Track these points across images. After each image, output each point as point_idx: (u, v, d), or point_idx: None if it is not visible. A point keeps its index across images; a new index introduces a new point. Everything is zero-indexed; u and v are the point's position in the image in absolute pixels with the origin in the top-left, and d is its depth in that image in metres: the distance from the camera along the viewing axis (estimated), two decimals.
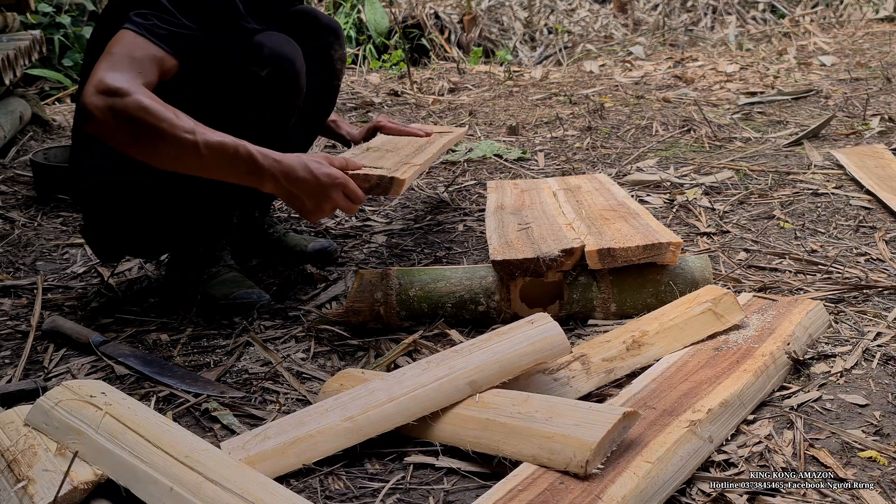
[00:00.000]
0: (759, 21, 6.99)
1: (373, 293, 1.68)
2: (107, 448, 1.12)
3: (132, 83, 1.50)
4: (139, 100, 1.48)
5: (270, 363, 1.57)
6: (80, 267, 2.18)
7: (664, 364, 1.39)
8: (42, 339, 1.73)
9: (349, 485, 1.18)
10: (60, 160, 2.83)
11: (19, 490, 1.06)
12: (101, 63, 1.52)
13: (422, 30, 6.49)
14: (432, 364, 1.32)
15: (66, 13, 5.55)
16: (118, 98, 1.48)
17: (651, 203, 2.44)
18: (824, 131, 3.13)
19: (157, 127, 1.47)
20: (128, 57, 1.53)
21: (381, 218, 2.46)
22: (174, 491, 1.04)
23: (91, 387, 1.27)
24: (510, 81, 4.76)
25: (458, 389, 1.27)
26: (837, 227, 2.14)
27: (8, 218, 2.58)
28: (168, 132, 1.48)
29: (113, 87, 1.48)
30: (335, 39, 2.01)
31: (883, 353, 1.47)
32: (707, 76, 4.51)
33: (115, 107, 1.47)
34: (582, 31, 6.84)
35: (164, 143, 1.49)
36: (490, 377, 1.29)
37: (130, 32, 1.56)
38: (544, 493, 1.03)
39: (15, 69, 3.47)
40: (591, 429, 1.09)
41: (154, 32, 1.56)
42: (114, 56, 1.53)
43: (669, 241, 1.63)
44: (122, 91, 1.48)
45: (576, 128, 3.49)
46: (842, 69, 4.44)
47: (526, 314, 1.66)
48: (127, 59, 1.52)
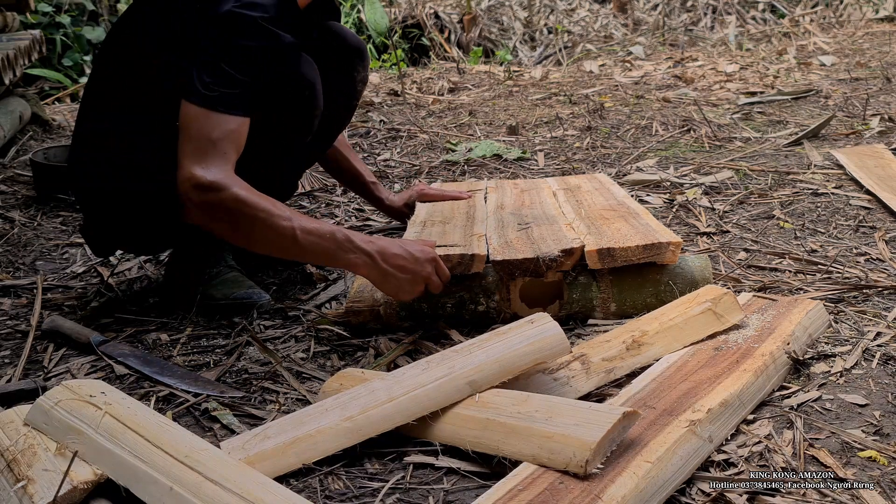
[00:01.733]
0: (759, 21, 6.99)
1: (373, 293, 1.68)
2: (106, 448, 1.12)
3: (225, 174, 1.53)
4: (236, 193, 1.52)
5: (270, 363, 1.57)
6: (79, 267, 2.18)
7: (664, 364, 1.39)
8: (42, 339, 1.73)
9: (349, 484, 1.18)
10: (60, 160, 2.83)
11: (19, 490, 1.06)
12: (186, 151, 1.54)
13: (421, 29, 6.49)
14: (432, 364, 1.32)
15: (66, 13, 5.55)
16: (213, 193, 1.52)
17: (651, 203, 2.44)
18: (824, 131, 3.13)
19: (256, 217, 1.52)
20: (208, 141, 1.54)
21: (381, 218, 2.46)
22: (174, 491, 1.04)
23: (91, 386, 1.27)
24: (510, 81, 4.75)
25: (457, 389, 1.27)
26: (837, 227, 2.14)
27: (8, 218, 2.58)
28: (266, 221, 1.52)
29: (206, 182, 1.52)
30: (360, 62, 2.01)
31: (883, 353, 1.47)
32: (707, 76, 4.51)
33: (211, 202, 1.52)
34: (582, 31, 6.85)
35: (262, 232, 1.54)
36: (489, 377, 1.29)
37: (200, 109, 1.55)
38: (544, 492, 1.03)
39: (15, 69, 3.47)
40: (591, 428, 1.09)
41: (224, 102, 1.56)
42: (194, 142, 1.54)
43: (669, 240, 1.63)
44: (217, 186, 1.52)
45: (576, 128, 3.49)
46: (842, 69, 4.44)
47: (526, 314, 1.66)
48: (209, 143, 1.54)
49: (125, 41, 1.73)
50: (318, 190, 2.80)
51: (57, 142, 3.51)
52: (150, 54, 1.66)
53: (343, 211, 2.58)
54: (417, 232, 1.84)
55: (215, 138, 1.55)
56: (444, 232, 1.81)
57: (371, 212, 2.55)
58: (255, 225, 1.53)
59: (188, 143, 1.55)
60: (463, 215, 1.97)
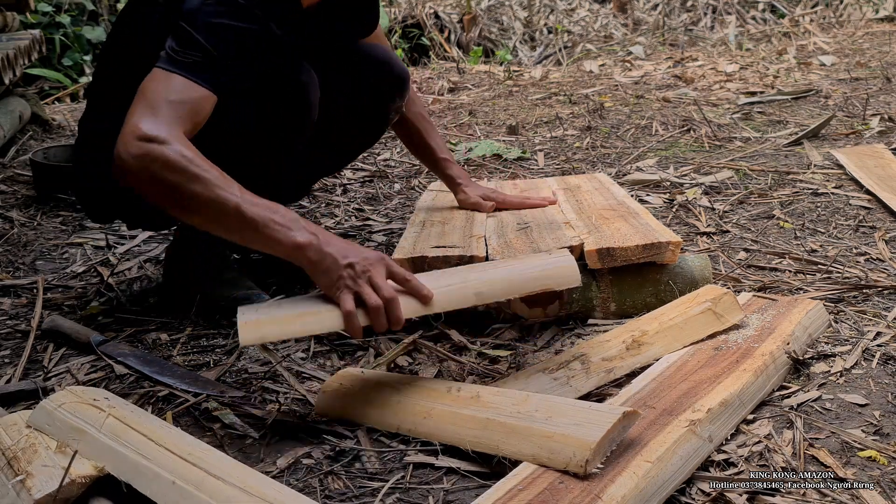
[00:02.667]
0: (759, 21, 6.99)
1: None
2: (109, 445, 1.12)
3: (173, 131, 1.38)
4: (181, 150, 1.36)
5: (270, 363, 1.57)
6: (79, 267, 2.18)
7: (664, 364, 1.39)
8: (42, 339, 1.73)
9: (349, 484, 1.18)
10: (60, 160, 2.83)
11: (17, 483, 1.06)
12: (135, 110, 1.40)
13: (421, 29, 6.49)
14: (448, 273, 1.43)
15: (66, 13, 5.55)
16: (156, 145, 1.36)
17: (651, 203, 2.44)
18: (824, 131, 3.13)
19: (200, 178, 1.34)
20: (163, 101, 1.40)
21: (381, 217, 2.46)
22: (177, 485, 1.04)
23: (94, 392, 1.28)
24: (510, 81, 4.75)
25: (464, 298, 1.36)
26: (837, 227, 2.14)
27: (7, 217, 2.58)
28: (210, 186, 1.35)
29: (150, 134, 1.36)
30: (399, 92, 1.94)
31: (883, 353, 1.47)
32: (707, 76, 4.51)
33: (152, 155, 1.35)
34: (582, 31, 6.85)
35: (203, 199, 1.35)
36: (496, 292, 1.38)
37: (162, 71, 1.44)
38: (544, 492, 1.03)
39: (14, 69, 3.47)
40: (591, 428, 1.09)
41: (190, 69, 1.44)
42: (147, 101, 1.40)
43: (669, 240, 1.63)
44: (161, 139, 1.36)
45: (575, 127, 3.49)
46: (842, 69, 4.44)
47: (526, 314, 1.67)
48: (163, 103, 1.40)
49: (125, 41, 1.73)
50: (318, 190, 2.80)
51: (57, 141, 3.51)
52: (150, 54, 1.66)
53: (343, 211, 2.58)
54: (416, 232, 1.84)
55: (171, 100, 1.41)
56: (442, 233, 1.81)
57: (371, 211, 2.55)
58: (196, 190, 1.34)
59: (140, 102, 1.40)
60: (462, 216, 1.97)
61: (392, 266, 1.35)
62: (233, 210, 1.34)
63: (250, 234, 1.36)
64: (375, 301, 1.29)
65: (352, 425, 1.32)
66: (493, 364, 1.52)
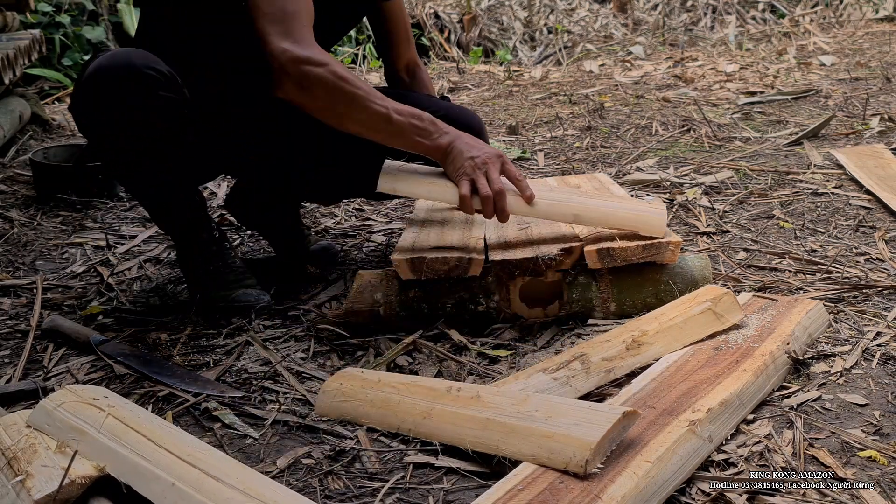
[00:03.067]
0: (759, 21, 6.99)
1: (373, 294, 1.68)
2: (109, 446, 1.12)
3: (319, 49, 1.55)
4: (335, 70, 1.54)
5: (270, 363, 1.57)
6: (79, 266, 2.18)
7: (664, 364, 1.39)
8: (42, 339, 1.73)
9: (349, 484, 1.18)
10: (60, 160, 2.83)
11: (17, 484, 1.06)
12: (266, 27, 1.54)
13: (421, 29, 6.49)
14: (557, 189, 1.67)
15: (66, 13, 5.55)
16: (312, 67, 1.53)
17: None
18: (824, 131, 3.13)
19: (355, 94, 1.55)
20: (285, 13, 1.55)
21: (381, 217, 2.46)
22: (176, 486, 1.04)
23: (94, 391, 1.28)
24: (510, 81, 4.76)
25: (563, 214, 1.62)
26: (837, 227, 2.14)
27: (7, 217, 2.58)
28: (363, 99, 1.56)
29: (302, 56, 1.53)
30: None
31: (883, 353, 1.47)
32: (707, 76, 4.51)
33: (309, 76, 1.53)
34: (582, 31, 6.85)
35: (357, 110, 1.57)
36: (593, 218, 1.62)
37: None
38: (544, 492, 1.03)
39: (14, 68, 3.47)
40: (591, 428, 1.09)
41: None
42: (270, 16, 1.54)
43: (669, 240, 1.63)
44: (315, 60, 1.54)
45: (576, 127, 3.49)
46: (841, 69, 4.44)
47: (525, 314, 1.67)
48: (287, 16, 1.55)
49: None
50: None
51: (57, 141, 3.51)
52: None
53: (343, 211, 2.58)
54: (416, 232, 1.84)
55: (291, 10, 1.56)
56: (442, 233, 1.81)
57: (371, 211, 2.55)
58: (352, 103, 1.56)
59: (264, 19, 1.55)
60: (462, 216, 1.97)
61: (507, 164, 1.60)
62: (383, 120, 1.58)
63: (399, 139, 1.62)
64: (487, 191, 1.56)
65: (352, 425, 1.32)
66: (493, 364, 1.52)
